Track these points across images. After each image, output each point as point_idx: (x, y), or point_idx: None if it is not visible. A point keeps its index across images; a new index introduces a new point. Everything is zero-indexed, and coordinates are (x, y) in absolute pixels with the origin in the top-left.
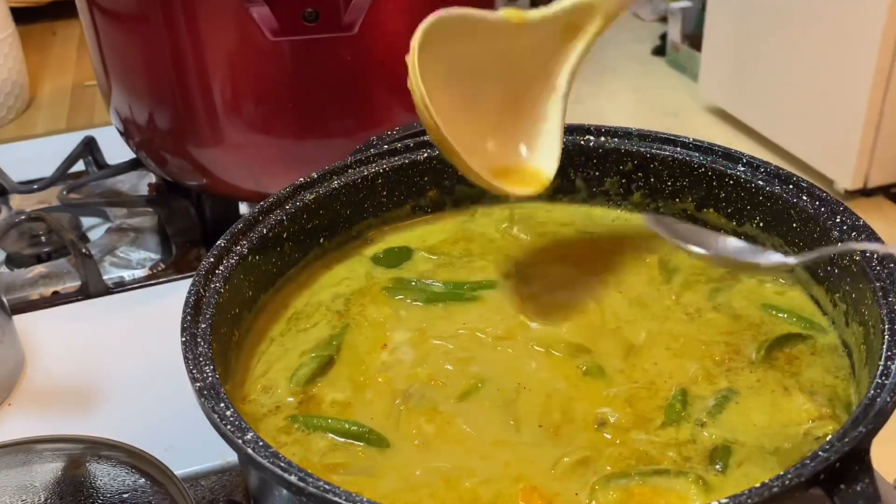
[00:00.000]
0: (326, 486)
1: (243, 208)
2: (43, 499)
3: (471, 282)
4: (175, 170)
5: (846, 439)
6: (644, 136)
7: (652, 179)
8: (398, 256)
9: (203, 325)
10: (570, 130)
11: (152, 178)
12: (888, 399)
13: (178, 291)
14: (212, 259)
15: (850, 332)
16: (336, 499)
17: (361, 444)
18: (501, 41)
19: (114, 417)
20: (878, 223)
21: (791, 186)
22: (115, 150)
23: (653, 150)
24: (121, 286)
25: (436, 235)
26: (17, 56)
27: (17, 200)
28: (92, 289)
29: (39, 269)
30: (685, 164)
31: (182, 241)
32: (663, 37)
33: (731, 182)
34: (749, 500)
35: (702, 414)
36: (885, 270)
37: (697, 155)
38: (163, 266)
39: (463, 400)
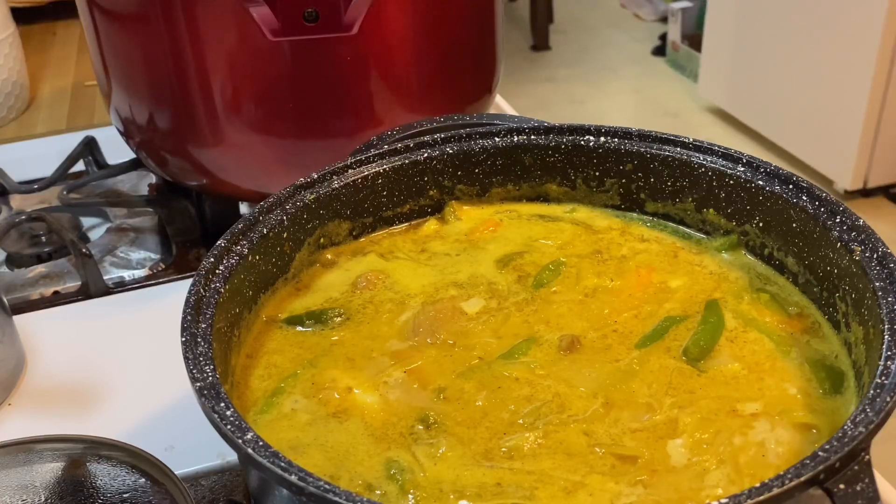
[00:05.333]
0: (326, 486)
1: (243, 208)
2: (43, 499)
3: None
4: (175, 170)
5: (846, 439)
6: (644, 136)
7: (652, 179)
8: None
9: (203, 325)
10: (570, 130)
11: (152, 178)
12: (888, 399)
13: (178, 291)
14: (212, 259)
15: (850, 332)
16: (336, 499)
17: None
18: None
19: (114, 417)
20: (877, 223)
21: (791, 186)
22: (115, 150)
23: (653, 150)
24: (121, 286)
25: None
26: (17, 56)
27: (17, 200)
28: (92, 289)
29: (39, 269)
30: (685, 164)
31: (182, 241)
32: (663, 37)
33: (731, 182)
34: (748, 500)
35: None
36: (885, 270)
37: (697, 155)
38: (163, 266)
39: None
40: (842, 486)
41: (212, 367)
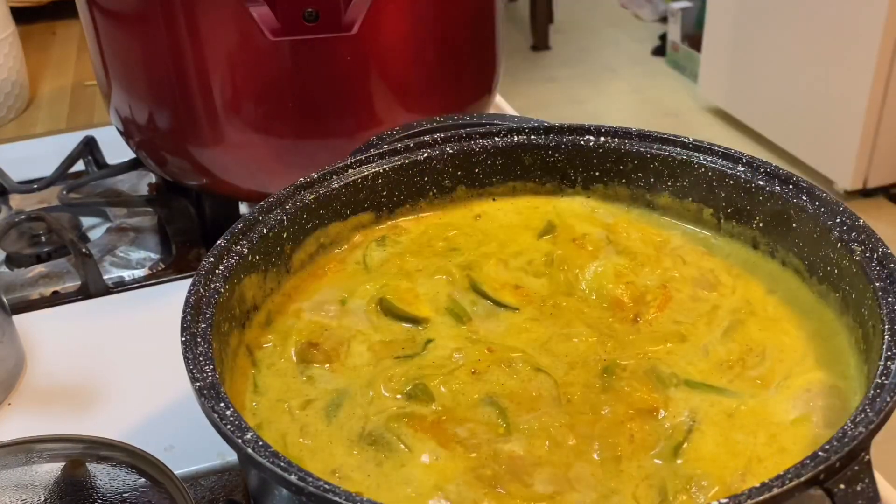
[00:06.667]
0: (326, 486)
1: (243, 208)
2: (43, 498)
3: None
4: (175, 170)
5: (846, 439)
6: (644, 136)
7: (652, 179)
8: None
9: (203, 325)
10: (569, 130)
11: (152, 178)
12: (888, 399)
13: (178, 291)
14: (212, 259)
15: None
16: (336, 499)
17: None
18: None
19: (114, 417)
20: (877, 223)
21: (791, 186)
22: (115, 149)
23: (653, 150)
24: (121, 286)
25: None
26: (17, 56)
27: (17, 200)
28: (92, 289)
29: (39, 268)
30: (685, 164)
31: (182, 241)
32: (663, 37)
33: (731, 182)
34: (748, 500)
35: None
36: (885, 270)
37: (697, 155)
38: (163, 266)
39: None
40: (842, 486)
41: (212, 367)
